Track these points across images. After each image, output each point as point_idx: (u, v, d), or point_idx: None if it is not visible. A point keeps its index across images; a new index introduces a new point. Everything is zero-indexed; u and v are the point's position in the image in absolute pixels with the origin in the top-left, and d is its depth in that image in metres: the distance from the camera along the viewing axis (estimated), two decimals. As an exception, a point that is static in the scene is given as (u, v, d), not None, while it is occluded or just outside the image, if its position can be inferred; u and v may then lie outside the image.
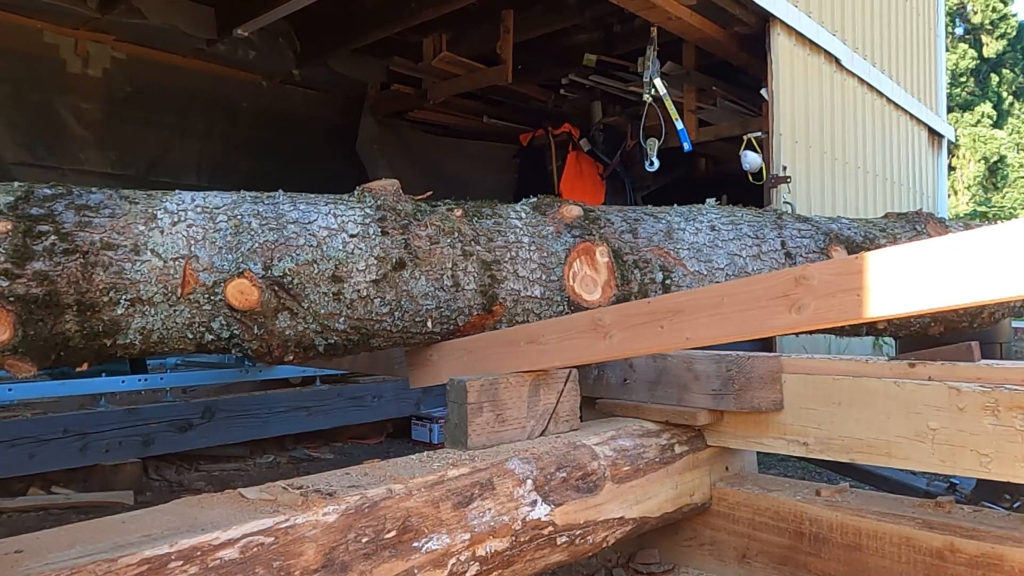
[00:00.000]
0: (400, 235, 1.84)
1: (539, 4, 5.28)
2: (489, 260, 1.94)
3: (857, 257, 1.30)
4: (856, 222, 2.61)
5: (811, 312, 1.34)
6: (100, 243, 1.62)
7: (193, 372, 4.10)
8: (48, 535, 1.02)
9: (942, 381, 1.54)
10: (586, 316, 1.66)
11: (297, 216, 1.79)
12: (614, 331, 1.62)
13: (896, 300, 1.24)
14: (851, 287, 1.29)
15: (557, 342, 1.70)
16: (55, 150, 4.91)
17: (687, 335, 1.51)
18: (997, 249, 1.13)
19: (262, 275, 1.70)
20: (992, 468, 1.44)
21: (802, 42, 4.80)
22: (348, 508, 1.18)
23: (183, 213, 1.73)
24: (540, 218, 2.08)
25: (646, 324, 1.57)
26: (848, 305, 1.30)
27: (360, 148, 6.27)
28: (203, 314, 1.70)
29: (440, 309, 1.90)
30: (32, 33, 4.74)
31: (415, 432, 4.53)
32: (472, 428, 1.56)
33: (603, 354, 1.65)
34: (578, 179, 6.63)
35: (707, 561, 1.89)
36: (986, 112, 22.76)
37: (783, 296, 1.38)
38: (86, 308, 1.62)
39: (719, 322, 1.47)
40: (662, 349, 1.63)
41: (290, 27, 5.51)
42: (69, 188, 1.70)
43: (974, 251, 1.16)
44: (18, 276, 1.54)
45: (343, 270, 1.76)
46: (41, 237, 1.58)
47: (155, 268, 1.66)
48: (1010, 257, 1.11)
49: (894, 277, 1.24)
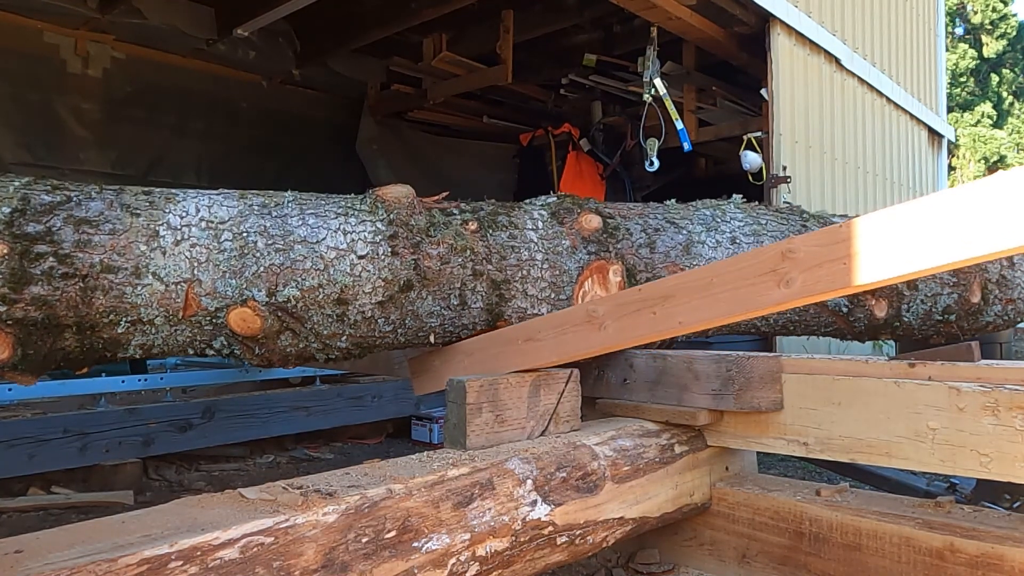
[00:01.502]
0: (411, 255, 1.77)
1: (539, 4, 5.27)
2: (499, 280, 1.89)
3: (842, 225, 1.29)
4: None
5: (799, 285, 1.33)
6: (100, 265, 1.55)
7: (193, 372, 4.11)
8: (48, 535, 1.02)
9: (942, 381, 1.54)
10: (580, 308, 1.65)
11: (305, 234, 1.70)
12: (607, 321, 1.60)
13: (883, 265, 1.23)
14: (837, 256, 1.28)
15: (554, 337, 1.68)
16: (55, 150, 4.91)
17: (679, 319, 1.49)
18: (985, 202, 1.11)
19: (266, 302, 1.65)
20: (992, 468, 1.44)
21: (802, 42, 4.80)
22: (348, 508, 1.18)
23: (186, 230, 1.64)
24: (557, 229, 2.01)
25: (638, 312, 1.55)
26: (836, 275, 1.29)
27: (360, 148, 6.27)
28: (204, 334, 1.67)
29: (444, 325, 1.88)
30: (32, 33, 4.73)
31: (415, 432, 4.53)
32: (471, 428, 1.56)
33: (599, 346, 1.63)
34: (578, 179, 6.62)
35: (707, 561, 1.88)
36: (986, 112, 22.75)
37: (771, 272, 1.37)
38: (86, 328, 1.57)
39: (710, 304, 1.44)
40: (656, 336, 1.61)
41: (290, 27, 5.51)
42: (68, 195, 1.60)
43: (961, 207, 1.13)
44: (16, 301, 1.48)
45: (349, 293, 1.71)
46: (39, 260, 1.50)
47: (156, 292, 1.60)
48: (998, 209, 1.09)
49: (880, 242, 1.23)
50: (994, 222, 1.10)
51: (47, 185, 1.61)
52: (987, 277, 2.65)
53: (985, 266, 2.64)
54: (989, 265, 2.66)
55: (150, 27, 4.90)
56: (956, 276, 2.55)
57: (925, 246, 1.17)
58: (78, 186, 1.65)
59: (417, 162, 6.64)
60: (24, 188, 1.57)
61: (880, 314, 2.48)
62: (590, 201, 2.13)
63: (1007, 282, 2.73)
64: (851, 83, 5.55)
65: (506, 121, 7.02)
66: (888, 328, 2.60)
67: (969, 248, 1.13)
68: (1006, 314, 2.78)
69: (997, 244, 1.10)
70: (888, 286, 2.46)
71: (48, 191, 1.59)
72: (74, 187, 1.64)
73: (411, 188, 1.88)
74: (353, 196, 1.86)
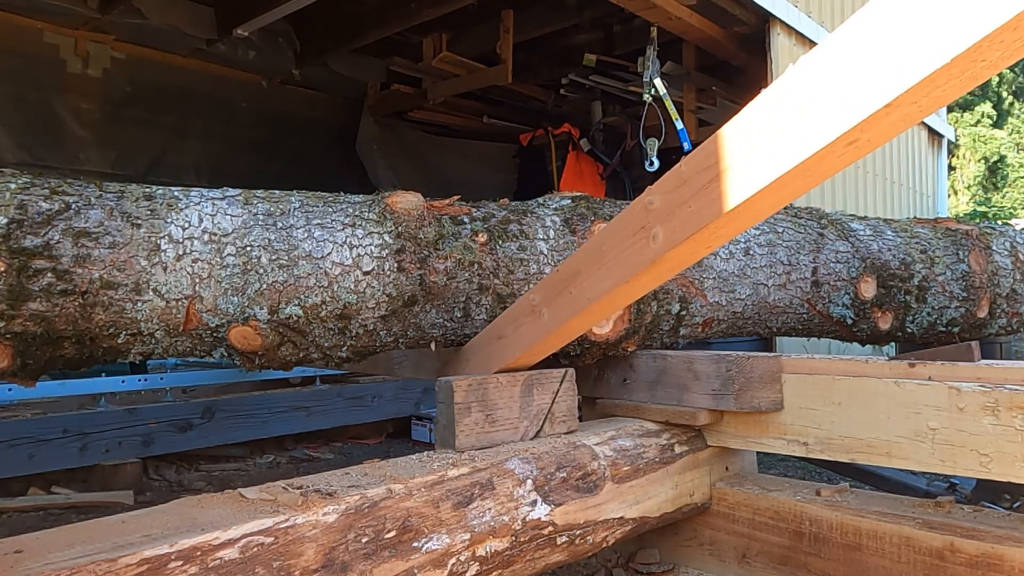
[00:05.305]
0: (417, 270, 1.73)
1: (539, 4, 5.27)
2: (505, 294, 1.85)
3: (680, 165, 1.13)
4: (899, 237, 2.53)
5: (662, 240, 1.17)
6: (100, 281, 1.51)
7: (193, 372, 4.11)
8: (48, 535, 1.02)
9: (942, 381, 1.54)
10: (525, 299, 1.58)
11: (310, 248, 1.65)
12: (544, 308, 1.52)
13: (731, 193, 1.03)
14: (682, 200, 1.11)
15: (514, 331, 1.64)
16: (55, 150, 4.91)
17: (588, 296, 1.38)
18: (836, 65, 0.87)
19: (267, 320, 1.62)
20: (992, 468, 1.44)
21: (802, 42, 4.80)
22: (348, 508, 1.18)
23: (188, 243, 1.59)
24: (568, 239, 1.95)
25: (560, 294, 1.45)
26: (687, 220, 1.12)
27: (360, 148, 6.26)
28: (204, 344, 1.65)
29: (446, 335, 1.86)
30: (32, 33, 4.73)
31: (415, 432, 4.53)
32: (460, 428, 1.55)
33: (543, 333, 1.54)
34: (578, 179, 6.62)
35: (707, 561, 1.89)
36: (986, 112, 22.74)
37: (641, 228, 1.22)
38: (85, 339, 1.55)
39: (605, 274, 1.32)
40: (579, 318, 1.47)
41: (290, 27, 5.51)
42: (66, 202, 1.54)
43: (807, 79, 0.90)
44: (15, 316, 1.45)
45: (352, 309, 1.68)
46: (37, 276, 1.46)
47: (157, 308, 1.57)
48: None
49: (720, 178, 1.04)
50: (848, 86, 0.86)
51: (45, 189, 1.55)
52: (998, 292, 2.61)
53: (997, 281, 2.60)
54: (1001, 280, 2.62)
55: (150, 27, 4.89)
56: (966, 291, 2.52)
57: (763, 157, 0.97)
58: (77, 189, 1.59)
59: (417, 162, 6.64)
60: (21, 192, 1.52)
61: (884, 326, 2.47)
62: (605, 205, 2.06)
63: (1017, 296, 2.69)
64: (851, 83, 5.54)
65: (506, 121, 7.02)
66: (890, 338, 2.60)
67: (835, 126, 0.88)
68: (1010, 325, 2.76)
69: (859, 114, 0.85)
70: (896, 300, 2.45)
71: (46, 196, 1.54)
72: (73, 191, 1.58)
73: (421, 197, 1.82)
74: (361, 200, 1.80)
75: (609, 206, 2.07)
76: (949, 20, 0.75)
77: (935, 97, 0.82)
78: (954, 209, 18.95)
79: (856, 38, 0.86)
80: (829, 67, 0.89)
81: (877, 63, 0.83)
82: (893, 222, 2.69)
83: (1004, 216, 14.71)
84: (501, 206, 1.99)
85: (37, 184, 1.56)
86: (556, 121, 6.79)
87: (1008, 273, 2.66)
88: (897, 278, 2.44)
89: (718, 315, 2.16)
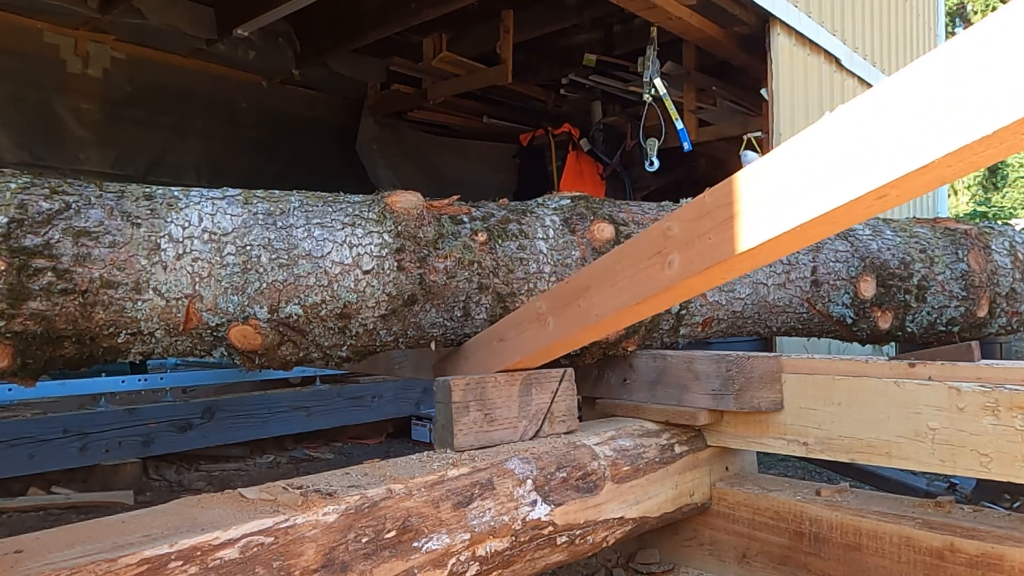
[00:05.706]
0: (416, 269, 1.74)
1: (539, 4, 5.27)
2: (505, 293, 1.86)
3: (704, 196, 1.16)
4: (899, 236, 2.53)
5: (678, 267, 1.20)
6: (100, 280, 1.52)
7: (193, 372, 4.11)
8: (48, 535, 1.02)
9: (942, 381, 1.54)
10: (530, 306, 1.60)
11: (310, 248, 1.66)
12: (550, 317, 1.54)
13: (752, 232, 1.06)
14: (704, 231, 1.15)
15: (516, 335, 1.65)
16: (55, 150, 4.90)
17: (596, 311, 1.40)
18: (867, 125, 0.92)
19: (267, 319, 1.63)
20: (992, 468, 1.44)
21: (802, 42, 4.80)
22: (348, 508, 1.18)
23: (188, 242, 1.59)
24: (568, 238, 1.95)
25: (568, 304, 1.48)
26: (705, 251, 1.14)
27: (360, 148, 6.26)
28: (205, 344, 1.66)
29: (446, 335, 1.87)
30: (32, 33, 4.73)
31: (415, 432, 4.53)
32: (458, 428, 1.54)
33: (548, 341, 1.56)
34: (578, 179, 6.61)
35: (707, 561, 1.89)
36: (986, 112, 22.71)
37: (656, 253, 1.24)
38: (86, 339, 1.56)
39: (616, 292, 1.35)
40: (585, 331, 1.50)
41: (290, 27, 5.51)
42: (66, 202, 1.55)
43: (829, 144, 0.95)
44: (15, 316, 1.46)
45: (352, 308, 1.69)
46: (37, 275, 1.47)
47: (157, 307, 1.57)
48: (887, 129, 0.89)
49: (747, 205, 1.08)
50: (877, 151, 0.90)
51: (45, 188, 1.56)
52: (997, 291, 2.61)
53: (997, 280, 2.60)
54: (1001, 279, 2.62)
55: (150, 27, 4.89)
56: (966, 291, 2.52)
57: (793, 200, 0.99)
58: (77, 189, 1.60)
59: (417, 162, 6.63)
60: (21, 192, 1.53)
61: (884, 326, 2.47)
62: (605, 205, 2.06)
63: (1016, 295, 2.69)
64: (851, 83, 5.55)
65: (506, 121, 7.01)
66: (890, 337, 2.60)
67: (843, 188, 0.93)
68: (1010, 324, 2.76)
69: (891, 173, 0.89)
70: (895, 300, 2.45)
71: (46, 196, 1.54)
72: (73, 190, 1.59)
73: (420, 196, 1.83)
74: (361, 200, 1.81)
75: (609, 206, 2.07)
76: (1000, 94, 0.77)
77: (970, 162, 0.84)
78: (954, 209, 18.95)
79: (896, 98, 0.90)
80: (869, 121, 0.93)
81: (917, 126, 0.85)
82: (892, 222, 2.69)
83: (1004, 216, 14.71)
84: (501, 206, 1.99)
85: (37, 184, 1.57)
86: (556, 121, 6.79)
87: (1007, 272, 2.65)
88: (896, 277, 2.44)
89: (718, 314, 2.17)
